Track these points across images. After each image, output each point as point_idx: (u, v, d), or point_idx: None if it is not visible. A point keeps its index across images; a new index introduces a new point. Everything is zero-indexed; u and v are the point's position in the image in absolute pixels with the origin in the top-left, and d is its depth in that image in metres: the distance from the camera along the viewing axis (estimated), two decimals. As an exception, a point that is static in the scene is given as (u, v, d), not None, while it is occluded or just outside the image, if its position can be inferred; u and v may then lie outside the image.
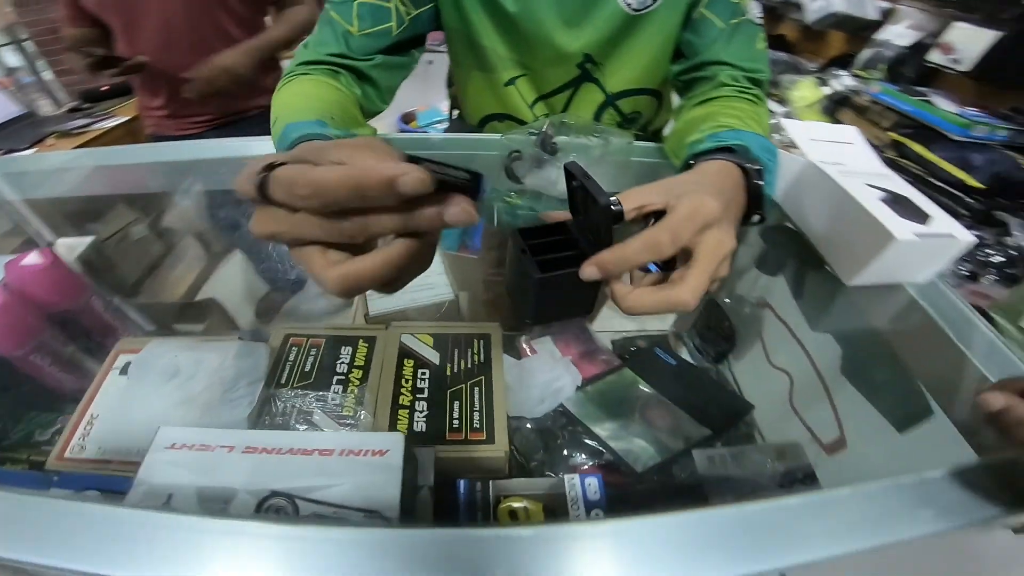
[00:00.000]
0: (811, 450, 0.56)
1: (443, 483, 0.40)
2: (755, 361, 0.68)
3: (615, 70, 0.59)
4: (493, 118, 0.68)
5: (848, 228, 0.43)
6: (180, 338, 0.50)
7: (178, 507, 0.32)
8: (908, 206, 0.42)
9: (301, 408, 0.44)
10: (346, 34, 0.52)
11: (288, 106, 0.45)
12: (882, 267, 0.41)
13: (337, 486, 0.33)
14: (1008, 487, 0.30)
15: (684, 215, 0.28)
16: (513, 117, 0.64)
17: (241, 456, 0.34)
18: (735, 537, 0.26)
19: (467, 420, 0.46)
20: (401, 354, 0.50)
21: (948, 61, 1.25)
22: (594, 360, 0.64)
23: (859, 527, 0.28)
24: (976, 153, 1.03)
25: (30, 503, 0.25)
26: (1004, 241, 0.95)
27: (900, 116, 1.25)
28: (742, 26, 0.55)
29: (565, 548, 0.24)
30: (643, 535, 0.25)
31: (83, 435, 0.40)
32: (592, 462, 0.51)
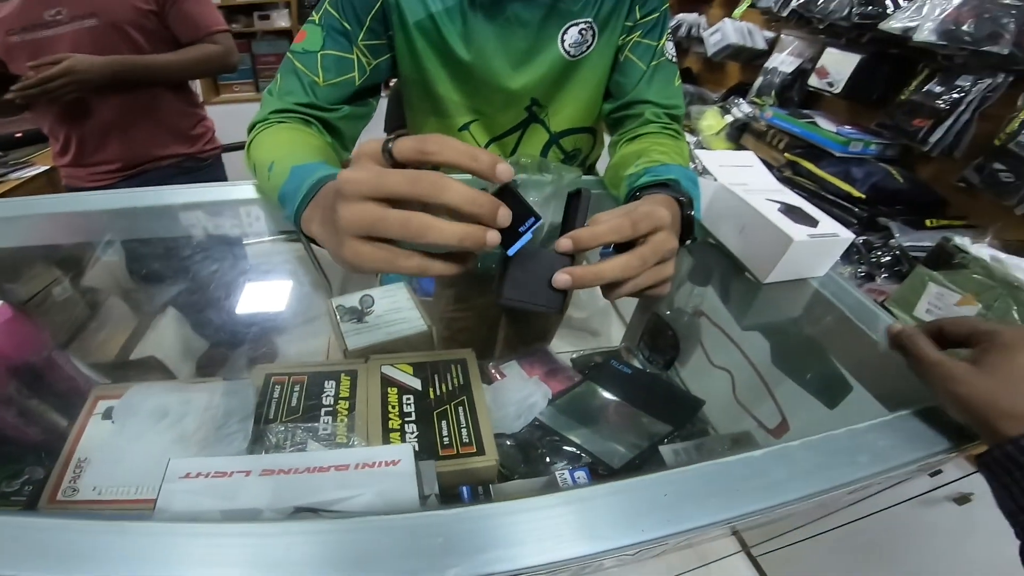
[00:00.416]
0: (760, 436, 0.68)
1: (446, 494, 0.46)
2: (699, 364, 0.81)
3: (557, 110, 0.71)
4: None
5: (756, 236, 0.57)
6: (161, 382, 0.53)
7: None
8: (800, 214, 0.57)
9: (294, 440, 0.49)
10: (313, 84, 0.60)
11: (283, 150, 0.51)
12: (787, 265, 0.54)
13: (359, 496, 0.39)
14: (923, 435, 0.41)
15: (644, 212, 0.40)
16: None
17: (259, 479, 0.39)
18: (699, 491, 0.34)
19: (456, 436, 0.53)
20: (384, 383, 0.56)
21: (824, 84, 1.50)
22: (558, 377, 0.74)
23: (808, 475, 0.37)
24: (856, 167, 1.27)
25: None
26: (889, 243, 1.18)
27: (791, 137, 1.51)
28: (661, 67, 0.70)
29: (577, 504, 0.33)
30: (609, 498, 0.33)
31: (73, 478, 0.43)
32: (572, 465, 0.59)
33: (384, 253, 0.34)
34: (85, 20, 1.12)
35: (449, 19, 0.63)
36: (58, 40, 1.11)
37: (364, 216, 0.33)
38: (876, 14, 1.28)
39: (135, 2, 1.15)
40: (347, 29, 0.61)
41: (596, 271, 0.39)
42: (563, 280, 0.37)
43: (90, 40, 1.11)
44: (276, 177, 0.48)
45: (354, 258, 0.34)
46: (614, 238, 0.39)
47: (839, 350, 0.63)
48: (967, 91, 1.16)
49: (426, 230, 0.32)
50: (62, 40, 1.11)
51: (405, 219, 0.32)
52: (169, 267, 0.83)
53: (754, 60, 1.90)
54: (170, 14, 1.20)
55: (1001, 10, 1.06)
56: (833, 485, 0.37)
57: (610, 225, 0.39)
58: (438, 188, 0.32)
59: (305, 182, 0.43)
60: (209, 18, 1.26)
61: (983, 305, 0.93)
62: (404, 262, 0.34)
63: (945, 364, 0.42)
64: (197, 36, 1.25)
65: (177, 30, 1.23)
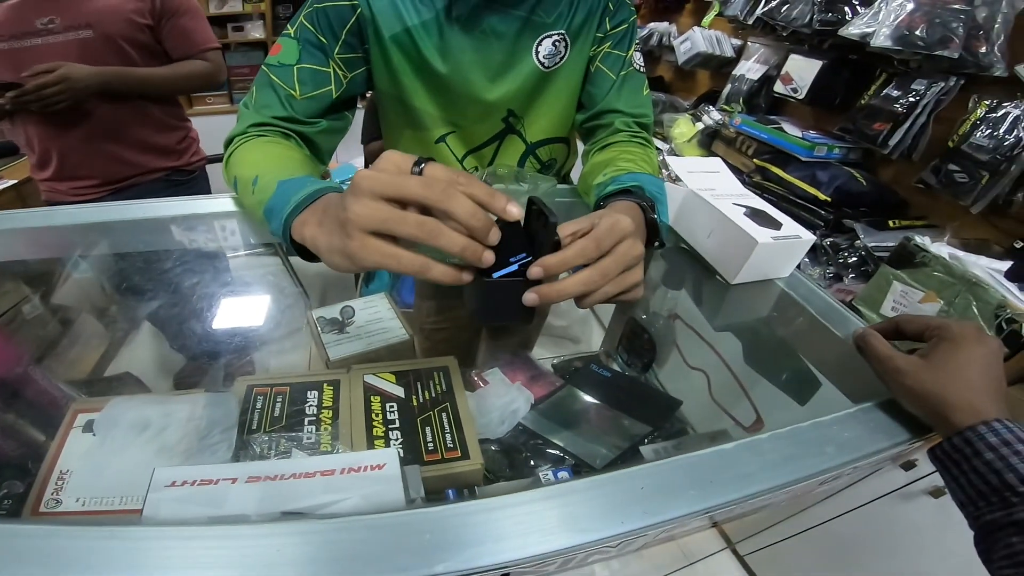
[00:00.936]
0: (736, 433, 0.70)
1: (432, 498, 0.47)
2: (675, 365, 0.84)
3: (533, 121, 0.74)
4: None
5: (724, 239, 0.60)
6: (141, 395, 0.53)
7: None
8: (765, 217, 0.60)
9: (278, 449, 0.49)
10: (289, 98, 0.61)
11: (267, 164, 0.52)
12: (753, 266, 0.57)
13: (346, 500, 0.40)
14: (886, 426, 0.44)
15: (605, 228, 0.41)
16: None
17: (245, 486, 0.40)
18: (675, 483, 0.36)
19: (441, 442, 0.54)
20: (367, 392, 0.57)
21: (789, 90, 1.55)
22: (540, 383, 0.75)
23: (777, 466, 0.39)
24: (821, 171, 1.33)
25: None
26: (855, 244, 1.23)
27: (759, 143, 1.56)
28: (630, 76, 0.73)
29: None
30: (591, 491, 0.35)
31: (55, 490, 0.43)
32: (555, 467, 0.61)
33: (392, 249, 0.36)
34: (80, 31, 1.11)
35: (426, 33, 0.64)
36: (46, 49, 1.09)
37: (380, 213, 0.35)
38: (836, 20, 1.34)
39: (132, 15, 1.15)
40: (323, 43, 0.62)
41: (560, 289, 0.41)
42: (531, 299, 0.39)
43: (80, 52, 1.10)
44: (261, 192, 0.49)
45: (360, 250, 0.36)
46: (581, 261, 0.41)
47: (806, 347, 0.66)
48: (922, 94, 1.22)
49: (438, 234, 0.35)
50: (51, 50, 1.09)
51: (421, 220, 0.35)
52: (144, 282, 0.83)
53: (723, 68, 1.96)
54: (165, 28, 1.21)
55: (951, 15, 1.12)
56: (803, 475, 0.39)
57: (576, 249, 0.40)
58: (447, 196, 0.35)
59: (298, 193, 0.44)
60: (203, 35, 1.28)
61: (944, 302, 0.98)
62: (408, 260, 0.36)
63: (895, 359, 0.44)
64: (189, 52, 1.25)
65: (170, 45, 1.23)
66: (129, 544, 0.29)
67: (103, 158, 1.22)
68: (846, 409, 0.46)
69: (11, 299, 0.77)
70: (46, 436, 0.54)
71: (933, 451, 0.42)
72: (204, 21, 1.29)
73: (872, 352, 0.47)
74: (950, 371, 0.41)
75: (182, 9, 1.22)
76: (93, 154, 1.21)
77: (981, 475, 0.37)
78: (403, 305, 1.03)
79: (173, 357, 0.93)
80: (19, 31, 1.09)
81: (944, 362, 0.42)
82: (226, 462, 0.46)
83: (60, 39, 1.11)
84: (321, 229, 0.40)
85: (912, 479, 0.94)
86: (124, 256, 0.73)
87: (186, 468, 0.40)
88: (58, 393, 0.56)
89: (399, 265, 0.36)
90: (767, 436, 0.42)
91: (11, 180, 1.64)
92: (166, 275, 0.80)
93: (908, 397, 0.43)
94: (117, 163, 1.24)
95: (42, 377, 0.55)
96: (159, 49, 1.23)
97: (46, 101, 1.05)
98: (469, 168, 0.75)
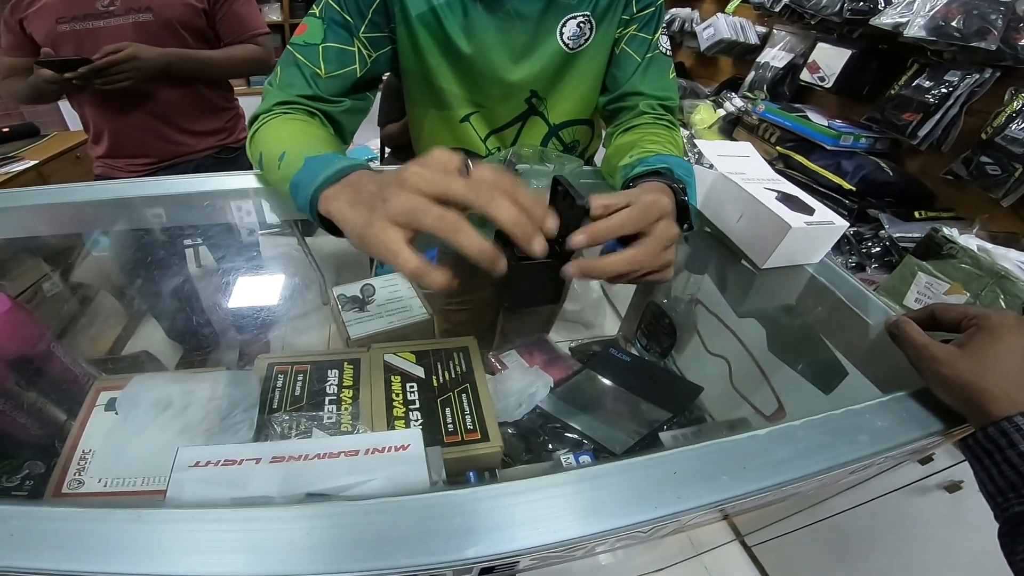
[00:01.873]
0: (756, 422, 0.69)
1: (452, 480, 0.47)
2: (695, 351, 0.82)
3: (556, 103, 0.72)
4: None
5: (754, 223, 0.58)
6: (163, 373, 0.53)
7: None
8: (798, 203, 0.58)
9: (299, 428, 0.49)
10: (315, 76, 0.60)
11: (294, 141, 0.52)
12: (784, 251, 0.56)
13: (370, 481, 0.39)
14: (920, 415, 0.43)
15: (647, 203, 0.41)
16: (467, 151, 0.74)
17: (269, 466, 0.39)
18: (708, 469, 0.35)
19: (461, 423, 0.53)
20: (387, 371, 0.56)
21: (815, 79, 1.53)
22: (558, 366, 0.74)
23: (811, 453, 0.38)
24: (847, 160, 1.30)
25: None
26: (879, 234, 1.20)
27: (783, 131, 1.53)
28: (655, 59, 0.71)
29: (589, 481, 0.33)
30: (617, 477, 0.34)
31: (78, 471, 0.43)
32: (574, 451, 0.60)
33: (397, 245, 0.35)
34: (140, 14, 1.13)
35: (451, 12, 0.63)
36: (106, 31, 1.12)
37: (412, 203, 0.35)
38: (867, 10, 1.30)
39: (190, 0, 1.18)
40: (348, 21, 0.62)
41: (603, 265, 0.40)
42: (573, 272, 0.39)
43: (137, 34, 1.13)
44: (288, 167, 0.48)
45: (375, 235, 0.36)
46: (628, 230, 0.40)
47: (834, 335, 0.64)
48: (955, 86, 1.18)
49: (457, 231, 0.35)
50: (110, 32, 1.12)
51: (443, 214, 0.35)
52: (161, 260, 0.82)
53: (746, 55, 1.92)
54: (219, 13, 1.23)
55: (989, 6, 1.08)
56: (836, 463, 0.38)
57: (621, 219, 0.40)
58: (490, 199, 0.35)
59: (326, 169, 0.44)
60: (254, 20, 1.30)
61: (971, 294, 0.96)
62: (405, 258, 0.35)
63: (931, 347, 0.43)
64: (241, 37, 1.28)
65: (223, 30, 1.26)
66: (155, 527, 0.29)
67: (156, 139, 1.26)
68: (874, 398, 0.45)
69: (31, 276, 0.77)
70: (66, 415, 0.54)
71: (965, 440, 0.41)
72: (255, 6, 1.31)
73: (907, 340, 0.45)
74: (988, 360, 0.40)
75: None
76: (145, 134, 1.24)
77: (1014, 466, 0.37)
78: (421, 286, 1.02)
79: (187, 336, 0.93)
80: (81, 13, 1.11)
81: (982, 351, 0.41)
82: (247, 441, 0.46)
83: (120, 21, 1.13)
84: (352, 209, 0.40)
85: (927, 473, 0.93)
86: (145, 232, 0.73)
87: (210, 448, 0.40)
88: (79, 371, 0.56)
89: (397, 260, 0.35)
90: (800, 423, 0.41)
91: (32, 161, 1.66)
92: (180, 255, 0.80)
93: (944, 386, 0.42)
94: (168, 143, 1.28)
95: (64, 354, 0.54)
96: (211, 34, 1.25)
97: (111, 78, 1.08)
98: (492, 148, 0.74)
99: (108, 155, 1.28)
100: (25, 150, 1.76)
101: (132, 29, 1.13)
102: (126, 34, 1.12)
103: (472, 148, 0.74)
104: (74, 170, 1.88)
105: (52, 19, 1.11)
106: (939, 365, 0.42)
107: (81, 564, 0.28)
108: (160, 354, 0.86)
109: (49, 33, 1.12)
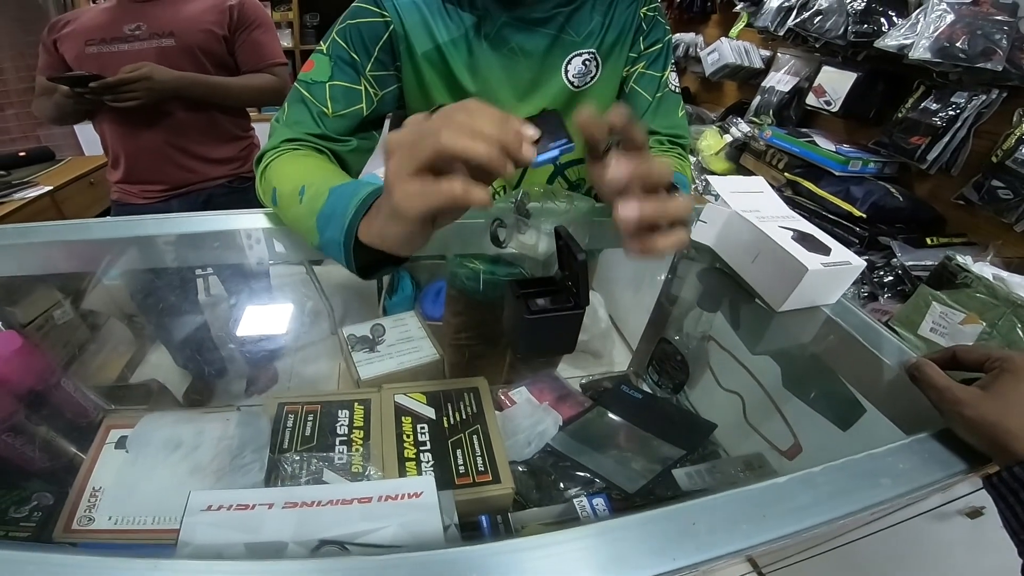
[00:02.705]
0: (772, 458, 0.69)
1: (463, 523, 0.47)
2: (708, 387, 0.82)
3: None
4: None
5: (770, 264, 0.58)
6: (173, 411, 0.53)
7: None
8: (813, 242, 0.58)
9: (309, 469, 0.49)
10: (322, 115, 0.61)
11: (313, 175, 0.52)
12: (801, 293, 0.56)
13: (384, 528, 0.39)
14: (941, 456, 0.43)
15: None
16: None
17: (282, 511, 0.39)
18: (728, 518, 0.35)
19: (472, 465, 0.53)
20: (398, 412, 0.57)
21: (821, 103, 1.53)
22: (568, 403, 0.74)
23: (832, 498, 0.38)
24: (856, 186, 1.30)
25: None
26: (891, 263, 1.20)
27: (791, 157, 1.53)
28: (665, 97, 0.72)
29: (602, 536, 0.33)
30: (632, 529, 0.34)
31: (88, 507, 0.43)
32: (586, 491, 0.60)
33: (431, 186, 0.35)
34: (163, 39, 1.18)
35: (455, 50, 0.64)
36: (130, 55, 1.16)
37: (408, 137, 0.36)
38: (871, 32, 1.32)
39: (211, 27, 1.22)
40: (355, 60, 0.63)
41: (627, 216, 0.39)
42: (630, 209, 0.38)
43: (158, 59, 1.17)
44: (312, 200, 0.48)
45: (403, 199, 0.36)
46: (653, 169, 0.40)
47: (851, 374, 0.64)
48: (962, 108, 1.19)
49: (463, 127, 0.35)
50: (133, 56, 1.16)
51: (451, 187, 0.35)
52: (171, 289, 0.83)
53: (751, 79, 1.94)
54: (239, 40, 1.27)
55: (993, 26, 1.09)
56: (857, 508, 0.38)
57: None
58: (464, 146, 0.35)
59: (355, 197, 0.44)
60: (273, 49, 1.34)
61: (987, 324, 0.95)
62: (448, 187, 0.35)
63: (953, 389, 0.43)
64: (259, 65, 1.31)
65: (241, 57, 1.29)
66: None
67: (171, 165, 1.28)
68: (892, 435, 0.45)
69: (42, 304, 0.78)
70: (75, 447, 0.54)
71: (990, 479, 0.41)
72: (275, 35, 1.36)
73: (928, 382, 0.46)
74: (1012, 402, 0.41)
75: (257, 22, 1.28)
76: (161, 160, 1.27)
77: None
78: (428, 318, 1.03)
79: (196, 366, 0.94)
80: (109, 36, 1.17)
81: (1006, 393, 0.41)
82: (258, 482, 0.46)
83: (143, 46, 1.18)
84: (385, 221, 0.40)
85: (948, 500, 0.91)
86: (150, 270, 0.74)
87: (222, 492, 0.40)
88: (89, 404, 0.57)
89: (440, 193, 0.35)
90: (820, 469, 0.41)
91: (47, 187, 1.69)
92: (186, 289, 0.81)
93: (967, 428, 0.42)
94: (183, 171, 1.30)
95: (74, 389, 0.55)
96: (230, 61, 1.29)
97: (122, 96, 1.11)
98: (497, 188, 0.75)
99: (124, 180, 1.31)
100: (40, 175, 1.79)
101: (154, 54, 1.17)
102: (148, 58, 1.16)
103: None
104: (88, 195, 1.91)
105: (82, 41, 1.16)
106: (962, 407, 0.42)
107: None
108: (168, 382, 0.86)
109: (78, 54, 1.17)
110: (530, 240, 0.56)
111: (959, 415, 0.42)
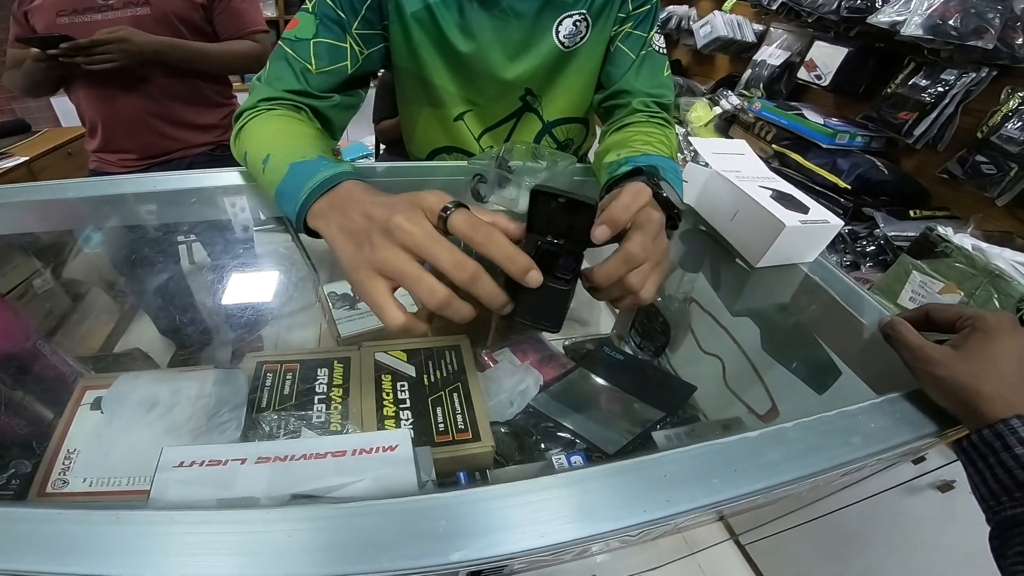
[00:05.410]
0: (750, 421, 0.69)
1: (442, 481, 0.46)
2: (689, 350, 0.82)
3: (551, 100, 0.71)
4: (442, 151, 0.77)
5: (748, 222, 0.58)
6: (149, 371, 0.52)
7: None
8: (792, 201, 0.57)
9: (287, 428, 0.48)
10: (305, 71, 0.59)
11: (278, 142, 0.50)
12: (778, 250, 0.55)
13: (357, 482, 0.38)
14: (913, 417, 0.42)
15: (631, 194, 0.40)
16: (461, 149, 0.73)
17: (255, 466, 0.38)
18: (698, 472, 0.35)
19: (452, 423, 0.52)
20: (378, 370, 0.56)
21: (812, 77, 1.52)
22: (552, 364, 0.74)
23: (803, 455, 0.37)
24: (842, 158, 1.29)
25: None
26: (874, 233, 1.20)
27: (779, 129, 1.52)
28: (649, 56, 0.70)
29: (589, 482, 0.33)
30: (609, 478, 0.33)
31: (62, 470, 0.42)
32: (567, 451, 0.59)
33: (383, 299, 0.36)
34: (138, 7, 1.13)
35: (446, 10, 0.62)
36: (102, 24, 1.11)
37: (402, 267, 0.35)
38: (864, 8, 1.29)
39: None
40: (341, 17, 0.61)
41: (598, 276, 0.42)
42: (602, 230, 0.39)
43: (133, 27, 1.11)
44: (272, 172, 0.47)
45: (362, 283, 0.37)
46: (623, 216, 0.40)
47: (828, 335, 0.64)
48: (952, 85, 1.18)
49: (447, 306, 0.35)
50: (106, 25, 1.11)
51: (433, 289, 0.35)
52: (156, 249, 0.81)
53: (743, 53, 1.91)
54: (218, 7, 1.22)
55: (986, 5, 1.07)
56: (828, 466, 0.37)
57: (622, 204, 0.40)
58: (473, 279, 0.35)
59: (311, 179, 0.43)
60: (253, 16, 1.29)
61: (965, 293, 0.95)
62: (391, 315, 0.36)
63: (925, 348, 0.42)
64: (239, 33, 1.26)
65: (221, 25, 1.24)
66: (135, 528, 0.28)
67: (150, 132, 1.24)
68: (867, 399, 0.44)
69: (22, 273, 0.76)
70: (54, 413, 0.53)
71: (959, 442, 0.41)
72: (256, 3, 1.30)
73: (901, 340, 0.45)
74: (983, 362, 0.40)
75: None
76: (140, 127, 1.23)
77: (1008, 469, 0.36)
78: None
79: (180, 333, 0.92)
80: (81, 6, 1.11)
81: (977, 353, 0.40)
82: (235, 441, 0.45)
83: (117, 15, 1.13)
84: (341, 237, 0.40)
85: (919, 473, 0.92)
86: (133, 229, 0.72)
87: (194, 448, 0.39)
88: (66, 368, 0.55)
89: (383, 317, 0.36)
90: (792, 425, 0.40)
91: (22, 157, 1.66)
92: (171, 250, 0.79)
93: (938, 388, 0.41)
94: (163, 138, 1.26)
95: (51, 352, 0.54)
96: (209, 29, 1.24)
97: (96, 58, 1.06)
98: (485, 146, 0.73)
99: (102, 149, 1.27)
100: (16, 146, 1.76)
101: (128, 22, 1.12)
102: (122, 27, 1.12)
103: (465, 147, 0.73)
104: (65, 166, 1.87)
105: (53, 12, 1.11)
106: (934, 366, 0.41)
107: (59, 566, 0.27)
108: (152, 351, 0.84)
109: (48, 25, 1.11)
110: (510, 195, 0.55)
111: (931, 374, 0.42)
